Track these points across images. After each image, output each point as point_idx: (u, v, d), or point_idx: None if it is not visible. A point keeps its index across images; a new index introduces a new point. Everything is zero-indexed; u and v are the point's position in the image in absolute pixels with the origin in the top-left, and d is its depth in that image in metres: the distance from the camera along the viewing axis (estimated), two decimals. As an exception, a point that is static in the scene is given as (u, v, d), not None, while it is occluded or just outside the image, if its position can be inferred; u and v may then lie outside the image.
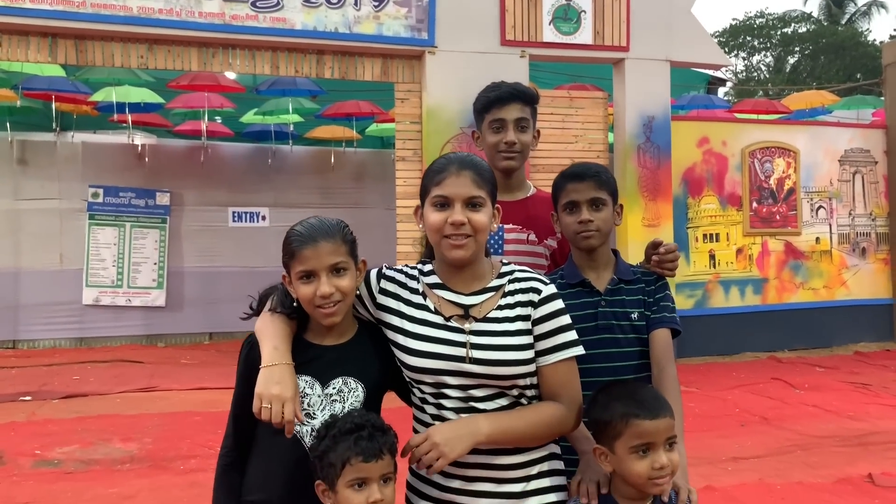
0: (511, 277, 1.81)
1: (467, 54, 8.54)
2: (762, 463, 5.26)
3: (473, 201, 1.76)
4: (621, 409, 1.74)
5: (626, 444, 1.72)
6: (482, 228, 1.76)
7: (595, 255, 2.18)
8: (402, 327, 1.80)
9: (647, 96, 9.25)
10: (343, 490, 1.62)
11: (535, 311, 1.77)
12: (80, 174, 11.23)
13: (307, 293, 1.75)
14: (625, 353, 2.10)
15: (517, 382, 1.74)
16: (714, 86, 15.41)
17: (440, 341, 1.74)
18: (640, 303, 2.15)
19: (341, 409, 1.76)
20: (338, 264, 1.75)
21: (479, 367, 1.71)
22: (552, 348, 1.76)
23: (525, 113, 2.53)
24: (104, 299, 11.31)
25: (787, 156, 10.44)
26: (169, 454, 5.38)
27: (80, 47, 7.87)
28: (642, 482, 1.72)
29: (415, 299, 1.82)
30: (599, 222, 2.13)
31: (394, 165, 9.33)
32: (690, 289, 9.78)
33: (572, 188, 2.16)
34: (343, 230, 1.81)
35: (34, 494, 4.52)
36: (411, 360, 1.76)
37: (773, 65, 32.88)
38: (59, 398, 7.39)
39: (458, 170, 1.78)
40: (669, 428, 1.74)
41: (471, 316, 1.77)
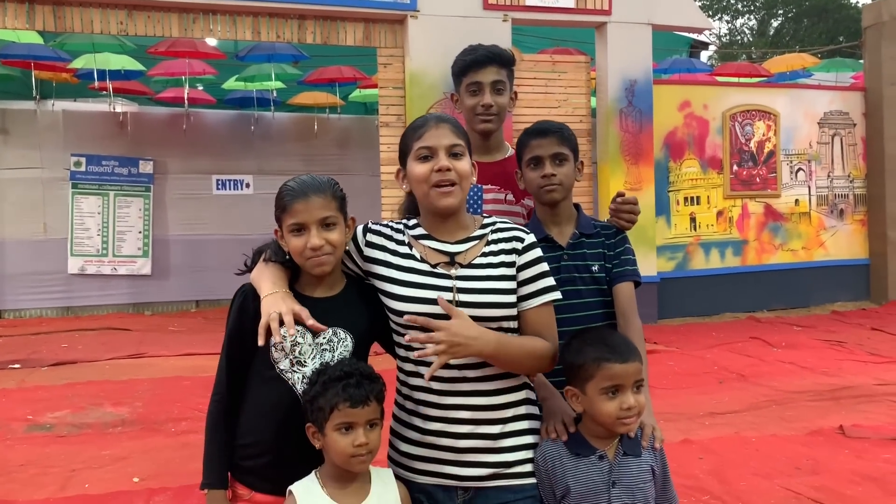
0: (493, 228, 1.93)
1: (450, 18, 8.53)
2: (738, 417, 5.42)
3: (455, 150, 1.86)
4: (594, 354, 1.84)
5: (597, 385, 1.82)
6: (466, 175, 1.87)
7: (557, 210, 2.28)
8: (390, 276, 1.88)
9: (630, 60, 9.29)
10: (331, 433, 1.71)
11: (520, 258, 1.88)
12: (62, 143, 11.14)
13: (298, 245, 1.83)
14: (586, 303, 2.21)
15: (501, 324, 1.84)
16: (696, 49, 15.44)
17: (427, 287, 1.83)
18: (601, 256, 2.25)
19: (331, 357, 1.85)
20: (327, 219, 1.83)
21: (466, 309, 1.80)
22: (535, 292, 1.87)
23: (501, 76, 2.58)
24: (89, 268, 11.31)
25: (767, 119, 10.54)
26: (160, 417, 5.47)
27: (59, 13, 7.79)
28: (611, 421, 1.83)
29: (401, 250, 1.91)
30: (562, 176, 2.24)
31: (377, 131, 9.34)
32: (671, 251, 9.93)
33: (536, 144, 2.26)
34: (333, 186, 1.90)
35: (28, 457, 4.60)
36: (399, 306, 1.84)
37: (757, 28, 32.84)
38: (48, 366, 7.45)
39: (437, 123, 1.88)
40: (638, 371, 1.85)
41: (456, 262, 1.86)
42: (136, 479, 4.22)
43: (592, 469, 1.85)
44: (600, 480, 1.84)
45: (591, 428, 1.89)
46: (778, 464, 4.40)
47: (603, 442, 1.89)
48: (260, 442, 1.86)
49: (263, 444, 1.85)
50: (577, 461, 1.85)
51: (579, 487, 1.83)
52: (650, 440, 1.92)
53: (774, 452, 4.62)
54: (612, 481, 1.84)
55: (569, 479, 1.84)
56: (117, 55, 10.18)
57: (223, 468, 1.89)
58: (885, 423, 5.16)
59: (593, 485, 1.84)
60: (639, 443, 1.90)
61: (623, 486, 1.84)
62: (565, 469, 1.85)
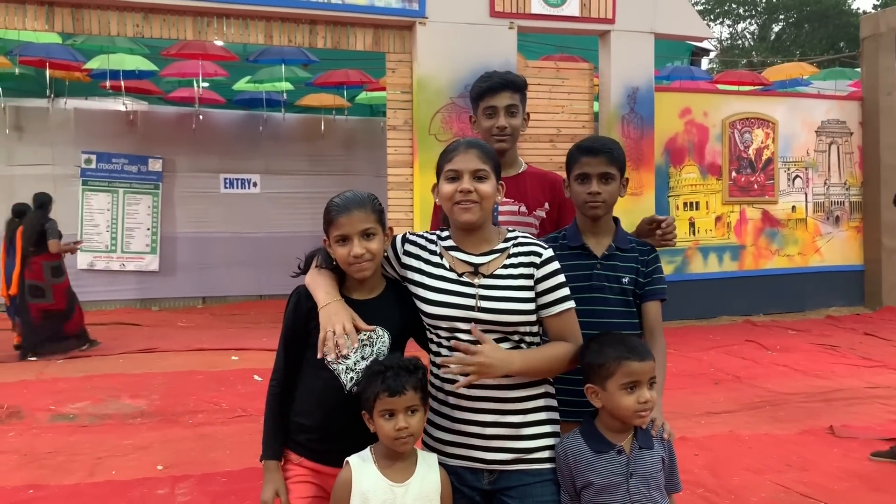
0: (515, 242, 2.13)
1: (457, 25, 8.74)
2: (733, 417, 5.64)
3: (479, 174, 2.08)
4: (614, 353, 2.07)
5: (617, 381, 2.05)
6: (487, 196, 2.08)
7: (598, 223, 2.45)
8: (423, 282, 2.13)
9: (632, 68, 9.50)
10: (377, 419, 1.96)
11: (538, 272, 2.08)
12: (73, 140, 11.35)
13: (342, 254, 2.08)
14: (612, 311, 2.40)
15: (518, 329, 2.07)
16: (697, 56, 15.65)
17: (454, 293, 2.07)
18: (633, 270, 2.43)
19: (370, 351, 2.10)
20: (368, 230, 2.08)
21: (486, 314, 2.04)
22: (554, 301, 2.08)
23: (514, 100, 2.83)
24: (98, 264, 11.52)
25: (765, 126, 10.76)
26: (177, 409, 5.68)
27: (77, 16, 7.99)
28: (629, 414, 2.05)
29: (433, 259, 2.14)
30: (606, 195, 2.40)
31: (383, 133, 9.55)
32: (670, 255, 10.13)
33: (585, 161, 2.41)
34: (373, 202, 2.14)
35: (54, 445, 4.82)
36: (430, 309, 2.09)
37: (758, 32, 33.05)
38: (64, 358, 7.66)
39: (466, 149, 2.11)
40: (652, 369, 2.08)
41: (480, 273, 2.09)
42: (160, 467, 4.43)
43: (612, 463, 2.05)
44: (619, 473, 2.05)
45: (607, 423, 2.10)
46: (770, 461, 4.61)
47: (619, 436, 2.09)
48: (309, 422, 2.13)
49: (312, 424, 2.12)
50: (597, 457, 2.06)
51: (600, 481, 2.04)
52: (659, 431, 2.14)
53: (766, 450, 4.83)
54: (629, 473, 2.05)
55: (590, 474, 2.04)
56: (131, 56, 10.37)
57: (279, 443, 2.15)
58: (873, 423, 5.37)
59: (613, 477, 2.04)
60: (650, 436, 2.12)
61: (640, 476, 2.06)
62: (587, 464, 2.05)
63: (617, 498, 2.03)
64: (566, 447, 2.09)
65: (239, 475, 4.29)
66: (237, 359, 7.55)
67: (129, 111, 11.70)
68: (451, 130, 8.71)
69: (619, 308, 2.40)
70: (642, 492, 2.05)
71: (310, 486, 2.11)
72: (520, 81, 2.86)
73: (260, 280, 11.83)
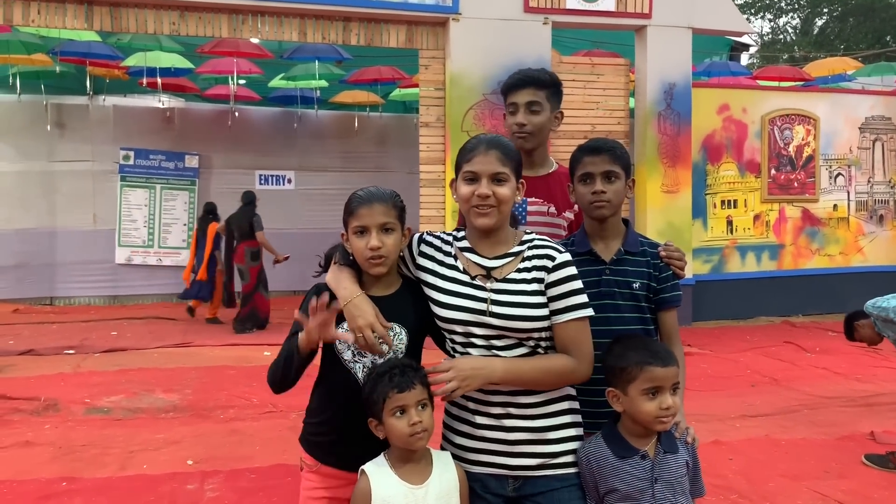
0: (530, 245, 2.06)
1: (491, 21, 8.68)
2: (769, 420, 5.51)
3: (498, 177, 2.01)
4: (637, 358, 2.02)
5: (639, 387, 1.99)
6: (505, 200, 2.01)
7: (605, 225, 2.37)
8: (436, 284, 2.07)
9: (669, 63, 9.35)
10: (388, 419, 1.92)
11: (549, 276, 2.00)
12: (112, 137, 11.55)
13: (360, 246, 2.04)
14: (623, 318, 2.31)
15: (531, 335, 2.00)
16: (737, 51, 15.35)
17: (466, 297, 2.02)
18: (645, 274, 2.34)
19: (387, 349, 2.06)
20: (387, 224, 2.04)
21: (497, 320, 1.98)
22: (563, 309, 1.99)
23: (537, 96, 2.73)
24: (136, 258, 11.72)
25: (807, 123, 10.51)
26: (209, 404, 5.73)
27: (115, 14, 8.11)
28: (650, 420, 1.99)
29: (447, 260, 2.09)
30: (611, 194, 2.31)
31: (416, 130, 9.53)
32: (707, 254, 9.97)
33: (588, 161, 2.34)
34: (394, 198, 2.11)
35: (89, 438, 4.89)
36: (442, 312, 2.04)
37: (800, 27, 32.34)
38: (100, 352, 7.79)
39: (486, 149, 2.03)
40: (675, 375, 2.03)
41: (492, 276, 2.02)
42: (190, 462, 4.47)
43: (636, 469, 2.00)
44: (644, 478, 2.00)
45: (629, 427, 2.05)
46: (807, 467, 4.50)
47: (642, 441, 2.04)
48: (327, 422, 2.10)
49: (329, 424, 2.10)
50: (621, 463, 2.00)
51: (625, 487, 1.99)
52: (683, 434, 2.09)
53: (804, 455, 4.71)
54: (654, 478, 2.00)
55: (614, 480, 1.99)
56: (168, 53, 10.50)
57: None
58: (916, 430, 5.21)
59: (638, 483, 1.99)
60: (674, 439, 2.06)
61: (664, 481, 2.01)
62: (611, 470, 2.00)
63: (642, 502, 1.99)
64: (589, 452, 2.04)
65: (267, 472, 4.31)
66: (269, 354, 7.55)
67: (166, 108, 11.88)
68: (484, 127, 8.66)
69: (631, 314, 2.32)
70: (667, 497, 2.00)
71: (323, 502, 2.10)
72: (544, 78, 2.77)
73: (293, 276, 11.85)
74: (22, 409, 5.54)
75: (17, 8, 7.85)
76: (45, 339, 8.41)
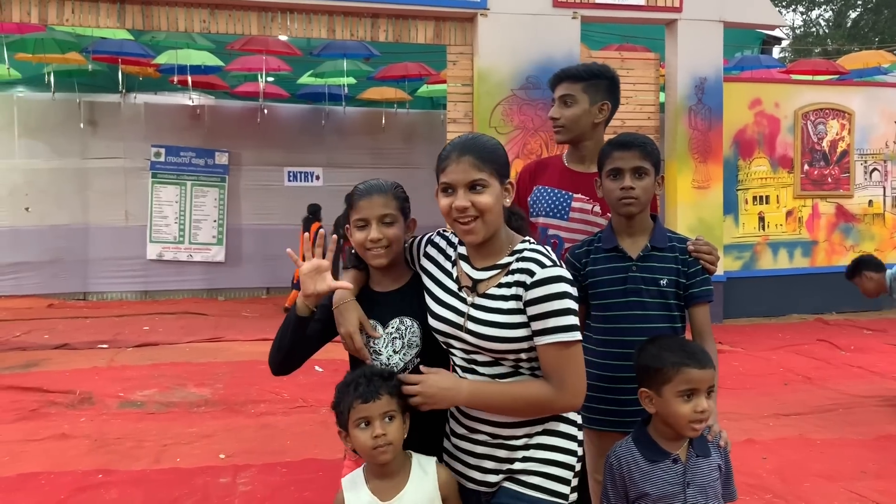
0: (519, 256, 1.86)
1: (519, 16, 8.64)
2: (803, 420, 5.43)
3: (475, 184, 1.82)
4: (673, 358, 1.95)
5: (675, 388, 1.93)
6: (487, 209, 1.82)
7: (633, 222, 2.33)
8: (430, 289, 1.99)
9: (700, 57, 9.24)
10: (353, 430, 1.86)
11: (526, 293, 1.80)
12: (143, 134, 11.70)
13: (360, 238, 2.04)
14: (650, 315, 2.27)
15: (507, 357, 1.84)
16: (769, 45, 15.12)
17: (450, 308, 1.91)
18: (673, 270, 2.29)
19: (402, 344, 2.05)
20: (386, 216, 2.03)
21: (472, 337, 1.85)
22: (541, 331, 1.79)
23: (571, 90, 2.69)
24: (167, 254, 11.86)
25: (841, 117, 10.33)
26: (240, 399, 5.78)
27: (147, 13, 8.20)
28: (683, 423, 1.94)
29: (446, 265, 2.00)
30: (640, 191, 2.28)
31: (443, 126, 9.51)
32: (738, 250, 9.85)
33: (618, 156, 2.31)
34: (395, 189, 2.10)
35: (123, 431, 4.97)
36: (429, 320, 1.97)
37: (834, 19, 31.77)
38: (133, 346, 7.90)
39: (459, 156, 1.84)
40: (712, 378, 1.96)
41: (476, 290, 1.89)
42: (223, 456, 4.51)
43: (668, 473, 1.95)
44: (676, 483, 1.95)
45: (660, 430, 2.00)
46: (843, 467, 4.42)
47: (673, 444, 1.99)
48: None
49: None
50: (652, 466, 1.96)
51: (656, 491, 1.94)
52: (716, 438, 2.04)
53: (839, 455, 4.63)
54: (686, 483, 1.95)
55: (646, 484, 1.95)
56: (198, 51, 10.60)
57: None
58: (956, 430, 5.10)
59: (669, 488, 1.94)
60: (706, 442, 2.02)
61: (697, 486, 1.95)
62: (642, 474, 1.96)
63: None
64: (620, 456, 2.00)
65: (299, 466, 4.34)
66: (299, 350, 7.65)
67: (196, 105, 12.00)
68: (512, 123, 8.63)
69: (659, 312, 2.27)
70: (699, 501, 1.95)
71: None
72: (579, 71, 2.72)
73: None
74: (58, 402, 5.64)
75: (51, 8, 7.97)
76: (79, 333, 8.55)
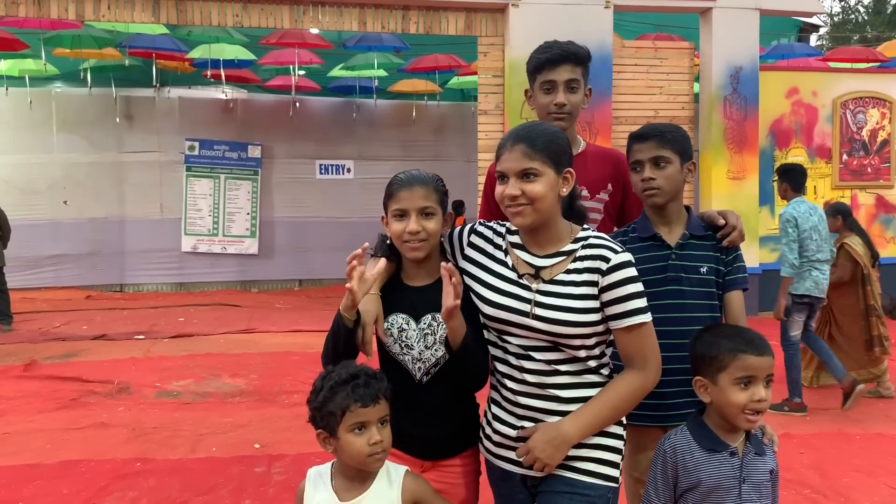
0: (585, 243, 1.89)
1: (551, 6, 8.57)
2: (841, 414, 5.33)
3: (527, 172, 1.85)
4: (730, 345, 1.90)
5: (731, 375, 1.87)
6: (538, 197, 1.84)
7: (665, 212, 2.29)
8: (482, 278, 1.97)
9: (735, 46, 9.09)
10: (345, 435, 1.73)
11: (603, 279, 1.83)
12: (177, 128, 11.85)
13: (398, 229, 1.98)
14: (691, 304, 2.23)
15: (571, 343, 1.86)
16: (806, 32, 14.82)
17: (511, 295, 1.90)
18: (712, 258, 2.26)
19: (433, 340, 2.01)
20: (427, 208, 1.98)
21: (540, 323, 1.85)
22: (619, 315, 1.84)
23: (576, 74, 2.55)
24: (201, 247, 12.01)
25: (881, 106, 10.09)
26: (274, 389, 5.85)
27: (181, 7, 8.29)
28: (738, 413, 1.87)
29: (497, 255, 1.98)
30: (662, 180, 2.23)
31: (474, 118, 9.49)
32: (775, 242, 9.64)
33: (637, 148, 2.28)
34: (436, 181, 2.04)
35: (160, 420, 5.05)
36: (485, 308, 1.94)
37: (873, 6, 31.03)
38: (169, 338, 8.02)
39: (512, 145, 1.88)
40: (770, 366, 1.89)
41: (540, 277, 1.89)
42: (257, 446, 4.57)
43: (725, 465, 1.89)
44: (732, 476, 1.89)
45: (716, 421, 1.94)
46: (883, 462, 4.34)
47: (731, 437, 1.93)
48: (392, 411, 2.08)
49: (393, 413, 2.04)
50: (709, 456, 1.90)
51: (711, 482, 1.88)
52: (770, 440, 1.98)
53: (879, 451, 4.55)
54: (742, 478, 1.89)
55: (701, 473, 1.89)
56: (231, 45, 10.69)
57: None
58: None
59: (725, 480, 1.88)
60: (761, 442, 1.96)
61: (752, 483, 1.90)
62: (697, 463, 1.90)
63: (727, 502, 1.88)
64: (674, 444, 1.94)
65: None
66: (331, 341, 7.70)
67: (229, 99, 12.11)
68: (542, 113, 8.56)
69: (700, 301, 2.23)
70: (753, 499, 1.89)
71: None
72: (583, 53, 2.60)
73: (353, 264, 12.05)
74: (97, 392, 5.75)
75: (88, 4, 8.09)
76: (116, 324, 8.71)
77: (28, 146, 11.39)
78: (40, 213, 11.43)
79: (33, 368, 6.47)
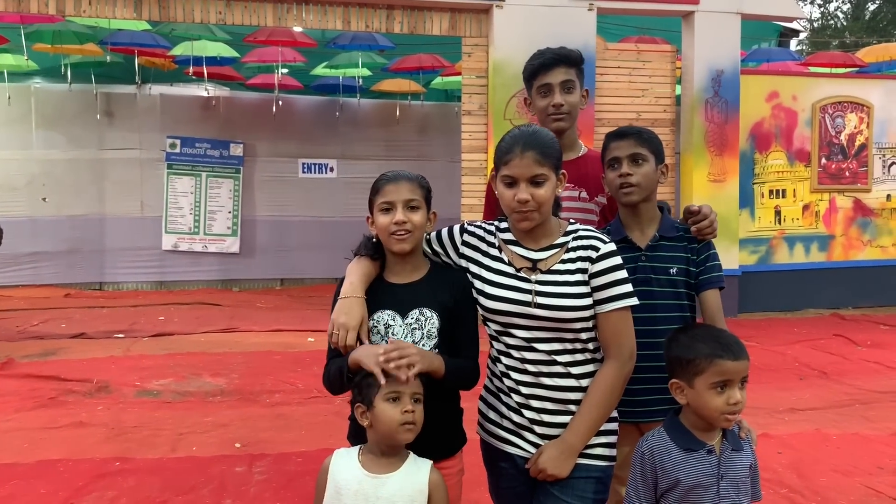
0: (575, 235, 2.06)
1: (535, 8, 8.60)
2: (819, 415, 5.39)
3: (536, 179, 2.00)
4: (706, 350, 1.93)
5: (707, 380, 1.90)
6: (545, 202, 2.01)
7: (638, 212, 2.35)
8: (481, 275, 2.10)
9: (717, 50, 9.17)
10: (380, 404, 1.88)
11: (592, 266, 2.01)
12: (159, 125, 11.73)
13: (384, 222, 2.05)
14: (661, 304, 2.29)
15: (573, 326, 2.01)
16: (786, 37, 14.98)
17: (511, 289, 2.04)
18: (683, 259, 2.32)
19: (421, 335, 2.07)
20: (412, 201, 2.07)
21: (542, 311, 2.00)
22: (606, 299, 2.01)
23: (570, 75, 2.66)
24: (182, 245, 11.91)
25: (859, 111, 10.22)
26: (255, 389, 5.81)
27: (163, 4, 8.24)
28: (716, 416, 1.91)
29: (492, 252, 2.12)
30: (639, 177, 2.29)
31: (458, 118, 9.50)
32: (754, 244, 9.78)
33: (615, 146, 2.35)
34: (420, 179, 2.14)
35: (140, 420, 5.00)
36: (487, 303, 2.07)
37: (852, 12, 31.43)
38: (149, 336, 7.95)
39: (523, 151, 2.00)
40: (745, 369, 1.93)
41: (538, 269, 2.04)
42: (238, 445, 4.54)
43: (702, 463, 1.92)
44: (710, 474, 1.92)
45: (693, 421, 1.97)
46: (859, 462, 4.39)
47: (707, 435, 1.96)
48: None
49: None
50: (686, 455, 1.93)
51: (689, 481, 1.91)
52: (747, 435, 2.03)
53: (856, 451, 4.60)
54: (720, 475, 1.92)
55: (678, 472, 1.92)
56: (214, 42, 10.62)
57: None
58: (974, 427, 5.06)
59: (703, 478, 1.91)
60: (738, 437, 2.00)
61: (729, 479, 1.93)
62: (675, 463, 1.93)
63: (706, 500, 1.91)
64: (652, 445, 1.97)
65: (314, 455, 4.36)
66: (313, 340, 7.67)
67: (211, 97, 12.02)
68: (527, 115, 8.59)
69: (669, 301, 2.30)
70: (731, 496, 1.92)
71: None
72: (575, 55, 2.70)
73: (336, 263, 11.73)
74: (75, 391, 5.69)
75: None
76: (95, 322, 8.61)
77: (6, 142, 11.23)
78: (19, 210, 11.26)
79: (10, 367, 6.39)
